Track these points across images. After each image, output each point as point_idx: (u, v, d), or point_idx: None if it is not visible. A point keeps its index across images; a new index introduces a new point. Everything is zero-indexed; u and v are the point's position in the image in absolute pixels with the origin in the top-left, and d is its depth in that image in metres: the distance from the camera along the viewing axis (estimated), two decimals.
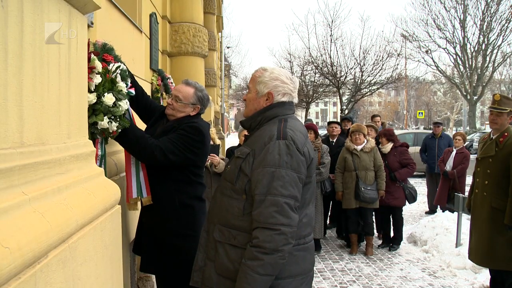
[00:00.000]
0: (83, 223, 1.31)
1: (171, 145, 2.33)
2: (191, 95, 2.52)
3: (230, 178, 1.87)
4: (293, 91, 1.96)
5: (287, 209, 1.68)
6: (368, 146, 5.24)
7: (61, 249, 1.14)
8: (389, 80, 18.45)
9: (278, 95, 1.92)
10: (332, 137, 6.20)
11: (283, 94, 1.93)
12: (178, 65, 4.92)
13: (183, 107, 2.50)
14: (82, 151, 1.47)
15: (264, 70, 1.98)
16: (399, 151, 5.55)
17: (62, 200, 1.24)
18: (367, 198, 5.07)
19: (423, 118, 35.51)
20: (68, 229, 1.20)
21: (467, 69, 28.56)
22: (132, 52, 3.00)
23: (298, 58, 21.14)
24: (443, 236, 5.36)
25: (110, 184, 1.70)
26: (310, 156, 1.84)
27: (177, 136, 2.36)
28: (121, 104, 2.00)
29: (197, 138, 2.38)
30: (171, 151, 2.32)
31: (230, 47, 29.68)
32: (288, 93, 1.94)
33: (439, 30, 28.28)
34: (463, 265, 4.63)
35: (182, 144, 2.34)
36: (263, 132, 1.85)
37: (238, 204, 1.81)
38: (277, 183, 1.69)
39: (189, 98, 2.51)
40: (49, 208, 1.15)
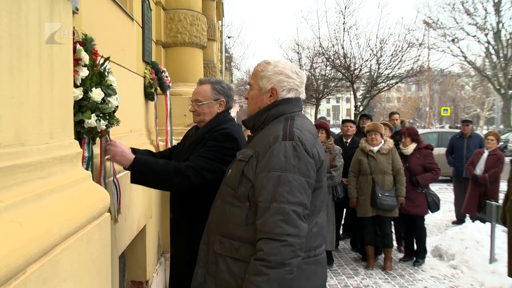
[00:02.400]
0: (67, 233, 1.30)
1: (203, 162, 2.32)
2: (210, 92, 2.55)
3: (231, 183, 1.87)
4: (300, 86, 1.97)
5: (294, 218, 1.68)
6: (386, 147, 5.22)
7: (42, 263, 1.14)
8: (410, 73, 18.42)
9: (283, 91, 1.93)
10: (346, 137, 6.18)
11: (288, 89, 1.94)
12: (173, 57, 4.93)
13: (208, 108, 2.53)
14: (66, 152, 1.47)
15: (267, 64, 1.98)
16: (423, 153, 5.52)
17: (44, 208, 1.24)
18: (384, 205, 5.06)
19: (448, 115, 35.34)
20: (49, 240, 1.19)
21: (500, 60, 27.99)
22: (122, 42, 3.00)
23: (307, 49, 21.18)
24: (474, 250, 5.29)
25: (98, 189, 1.69)
26: (320, 158, 1.84)
27: (208, 150, 2.36)
28: (110, 100, 2.00)
29: (230, 146, 2.36)
30: (206, 168, 2.31)
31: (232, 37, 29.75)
32: (294, 88, 1.95)
33: (468, 15, 27.94)
34: (500, 285, 4.53)
35: (216, 157, 2.33)
36: (267, 132, 1.86)
37: (240, 213, 1.81)
38: (283, 189, 1.69)
39: (209, 95, 2.54)
40: (28, 216, 1.15)
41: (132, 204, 2.87)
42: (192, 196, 2.41)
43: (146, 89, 3.79)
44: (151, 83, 3.82)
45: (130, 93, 3.23)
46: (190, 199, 2.44)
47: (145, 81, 3.80)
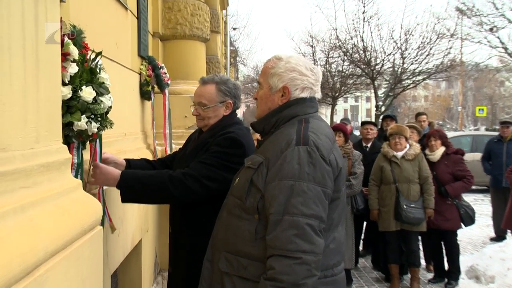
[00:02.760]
0: (55, 250, 1.31)
1: (204, 168, 2.32)
2: (215, 93, 2.56)
3: (239, 193, 1.87)
4: (315, 85, 1.98)
5: (309, 232, 1.68)
6: (411, 152, 5.19)
7: (25, 283, 1.14)
8: (439, 68, 18.33)
9: (296, 90, 1.94)
10: (366, 141, 6.17)
11: (302, 88, 1.95)
12: (173, 51, 4.96)
13: (213, 111, 2.55)
14: (54, 158, 1.47)
15: (278, 60, 2.00)
16: (453, 159, 5.48)
17: (28, 221, 1.24)
18: (410, 218, 5.02)
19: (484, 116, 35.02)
20: (34, 258, 1.19)
21: None
22: (115, 35, 3.02)
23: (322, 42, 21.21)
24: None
25: (89, 200, 1.70)
26: (338, 166, 1.85)
27: (210, 156, 2.37)
28: (102, 100, 2.02)
29: (235, 152, 2.36)
30: (207, 176, 2.31)
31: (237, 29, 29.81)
32: (308, 87, 1.96)
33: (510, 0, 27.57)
34: None
35: (219, 164, 2.33)
36: (279, 137, 1.87)
37: (248, 227, 1.81)
38: (297, 200, 1.70)
39: (214, 97, 2.55)
40: (10, 231, 1.15)
41: (126, 217, 2.88)
42: (192, 206, 2.41)
43: (142, 87, 3.81)
44: (147, 81, 3.84)
45: (125, 92, 3.25)
46: (189, 210, 2.44)
47: (141, 78, 3.82)
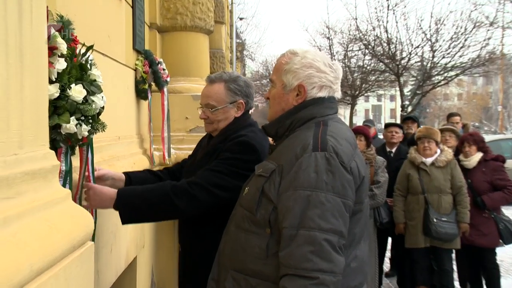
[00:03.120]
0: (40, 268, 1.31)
1: (213, 176, 2.34)
2: (223, 93, 2.58)
3: (248, 205, 1.90)
4: (334, 83, 2.01)
5: (328, 249, 1.69)
6: (443, 158, 5.18)
7: None
8: (476, 62, 18.27)
9: (313, 89, 1.97)
10: (391, 145, 6.16)
11: (320, 87, 1.98)
12: (172, 44, 4.99)
13: (223, 113, 2.57)
14: (40, 165, 1.48)
15: (293, 54, 2.02)
16: (492, 166, 5.43)
17: (11, 236, 1.25)
18: (441, 233, 5.00)
19: None
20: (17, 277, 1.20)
21: None
22: (107, 26, 3.05)
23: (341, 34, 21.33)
24: None
25: (79, 212, 1.71)
26: (361, 174, 1.86)
27: (220, 163, 2.39)
28: (94, 100, 2.03)
29: (248, 158, 2.38)
30: (217, 184, 2.32)
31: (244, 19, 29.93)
32: (327, 85, 1.99)
33: None
34: None
35: (230, 172, 2.35)
36: (294, 141, 1.89)
37: (259, 242, 1.83)
38: (313, 212, 1.71)
39: (224, 97, 2.57)
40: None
41: (119, 231, 2.89)
42: (204, 222, 2.42)
43: (138, 85, 3.83)
44: (144, 78, 3.86)
45: (118, 91, 3.27)
46: (201, 226, 2.45)
47: (137, 75, 3.85)
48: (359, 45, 20.21)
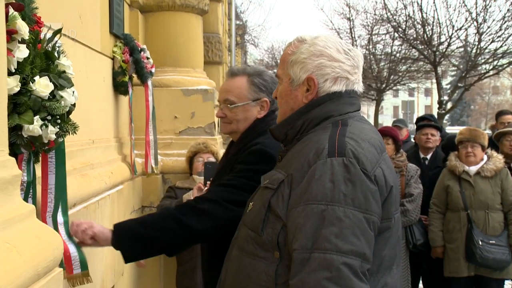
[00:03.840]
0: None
1: (227, 192, 2.42)
2: (245, 88, 2.64)
3: (253, 223, 1.91)
4: (352, 73, 2.00)
5: (347, 275, 1.68)
6: (491, 166, 5.15)
7: None
8: None
9: (325, 82, 1.97)
10: (425, 151, 6.15)
11: (334, 79, 1.97)
12: (158, 27, 5.01)
13: (243, 112, 2.63)
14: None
15: (300, 42, 2.04)
16: None
17: None
18: (489, 260, 4.97)
19: None
20: None
21: None
22: (78, 5, 3.06)
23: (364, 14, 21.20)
24: None
25: (45, 231, 1.72)
26: (388, 184, 1.86)
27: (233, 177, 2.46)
28: (63, 96, 2.03)
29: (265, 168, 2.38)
30: (231, 200, 2.40)
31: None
32: (342, 76, 1.98)
33: None
34: None
35: (245, 185, 2.41)
36: (306, 145, 1.90)
37: (266, 268, 1.84)
38: (329, 230, 1.71)
39: (246, 93, 2.63)
40: None
41: (93, 256, 2.90)
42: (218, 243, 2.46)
43: (116, 77, 3.86)
44: (123, 68, 3.88)
45: (92, 84, 3.29)
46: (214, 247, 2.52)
47: (115, 64, 3.87)
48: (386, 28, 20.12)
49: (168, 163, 4.75)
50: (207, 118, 4.98)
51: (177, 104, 4.85)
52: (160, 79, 4.81)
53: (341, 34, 22.25)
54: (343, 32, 22.33)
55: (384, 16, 19.42)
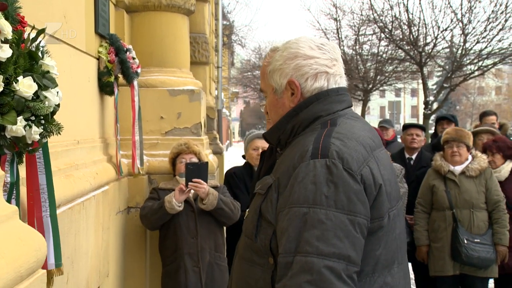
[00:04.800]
0: None
1: None
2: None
3: (249, 231, 1.94)
4: (330, 66, 1.99)
5: (329, 278, 1.67)
6: (475, 166, 5.19)
7: None
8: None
9: (306, 81, 1.97)
10: (410, 151, 6.19)
11: (313, 76, 1.96)
12: (144, 27, 5.00)
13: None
14: None
15: (273, 51, 2.05)
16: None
17: None
18: (474, 258, 5.00)
19: None
20: None
21: None
22: (62, 4, 3.05)
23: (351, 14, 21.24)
24: None
25: (28, 233, 1.71)
26: (376, 182, 1.83)
27: None
28: (47, 96, 2.02)
29: None
30: None
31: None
32: (321, 71, 1.97)
33: None
34: None
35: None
36: (294, 149, 1.91)
37: (263, 274, 1.86)
38: (311, 233, 1.71)
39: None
40: None
41: (78, 256, 2.90)
42: None
43: (101, 77, 3.85)
44: (109, 68, 3.87)
45: (77, 84, 3.28)
46: None
47: (100, 65, 3.86)
48: (373, 28, 20.15)
49: (154, 164, 4.74)
50: (194, 119, 4.98)
51: (163, 105, 4.85)
52: (146, 80, 4.80)
53: (327, 34, 22.29)
54: (329, 33, 22.39)
55: (371, 16, 19.46)
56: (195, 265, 4.24)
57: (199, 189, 4.18)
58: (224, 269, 4.47)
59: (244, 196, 4.69)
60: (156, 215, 4.19)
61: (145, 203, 4.36)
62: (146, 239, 4.63)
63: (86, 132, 3.50)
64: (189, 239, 4.26)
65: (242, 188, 4.78)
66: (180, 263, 4.22)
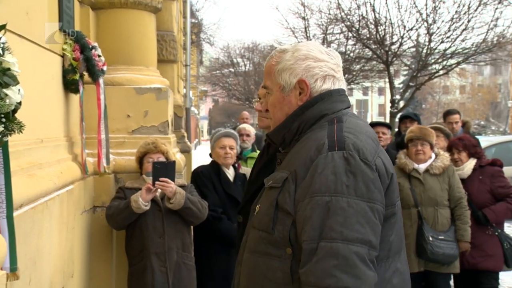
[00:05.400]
0: None
1: None
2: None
3: (263, 224, 1.98)
4: (336, 70, 2.13)
5: (354, 262, 1.77)
6: (439, 164, 5.26)
7: None
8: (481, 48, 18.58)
9: (316, 81, 2.08)
10: None
11: (323, 77, 2.09)
12: (110, 25, 4.95)
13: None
14: None
15: (281, 53, 2.15)
16: (489, 172, 5.54)
17: None
18: (438, 255, 5.07)
19: None
20: None
21: None
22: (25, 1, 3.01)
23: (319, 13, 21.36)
24: None
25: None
26: (388, 171, 1.97)
27: None
28: (8, 94, 2.01)
29: None
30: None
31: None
32: (329, 74, 2.10)
33: None
34: None
35: None
36: (306, 143, 2.00)
37: (281, 265, 1.91)
38: (334, 220, 1.80)
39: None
40: None
41: (40, 256, 2.86)
42: None
43: (66, 75, 3.80)
44: (74, 66, 3.83)
45: (41, 82, 3.24)
46: None
47: (65, 62, 3.82)
48: (340, 27, 20.29)
49: (121, 163, 4.70)
50: (161, 117, 4.96)
51: (129, 103, 4.81)
52: (112, 78, 4.75)
53: (296, 33, 22.43)
54: (298, 31, 22.51)
55: (338, 16, 19.60)
56: (162, 265, 4.22)
57: (166, 188, 4.17)
58: (192, 269, 4.46)
59: (212, 194, 4.70)
60: (122, 214, 4.16)
61: (111, 203, 4.32)
62: (112, 239, 4.59)
63: (50, 131, 3.45)
64: (156, 238, 4.24)
65: (209, 186, 4.78)
66: (147, 262, 4.19)
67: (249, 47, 37.81)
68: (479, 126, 38.97)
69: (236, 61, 38.26)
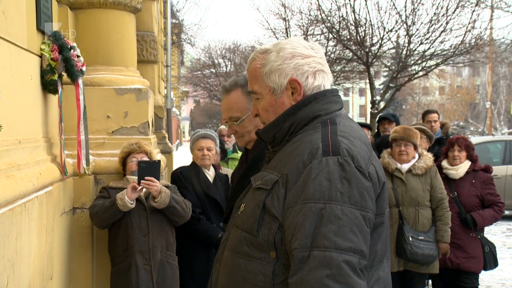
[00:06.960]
0: None
1: None
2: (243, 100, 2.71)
3: (247, 224, 1.94)
4: (324, 64, 2.10)
5: (347, 272, 1.73)
6: (421, 164, 5.29)
7: None
8: (459, 50, 18.75)
9: (307, 79, 2.03)
10: None
11: (313, 73, 2.04)
12: (89, 25, 4.91)
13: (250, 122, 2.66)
14: None
15: (265, 53, 2.08)
16: (482, 178, 5.60)
17: None
18: (418, 255, 5.10)
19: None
20: None
21: None
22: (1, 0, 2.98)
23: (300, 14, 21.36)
24: None
25: None
26: (380, 179, 1.93)
27: None
28: None
29: None
30: None
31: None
32: (319, 69, 2.06)
33: None
34: None
35: None
36: (299, 146, 1.94)
37: (263, 268, 1.88)
38: (328, 228, 1.76)
39: (245, 104, 2.69)
40: None
41: (19, 258, 2.84)
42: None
43: (44, 75, 3.77)
44: (52, 66, 3.80)
45: (18, 82, 3.21)
46: None
47: (43, 62, 3.78)
48: (321, 28, 20.27)
49: (101, 164, 4.67)
50: (141, 118, 4.93)
51: (109, 104, 4.78)
52: (91, 78, 4.72)
53: (277, 34, 22.39)
54: (279, 32, 22.49)
55: (319, 17, 19.60)
56: (147, 263, 4.22)
57: (151, 187, 4.17)
58: (175, 268, 4.47)
59: (191, 196, 4.70)
60: (107, 212, 4.14)
61: (95, 201, 4.30)
62: (93, 240, 4.56)
63: (29, 132, 3.42)
64: (140, 237, 4.24)
65: (188, 187, 4.79)
66: (131, 261, 4.19)
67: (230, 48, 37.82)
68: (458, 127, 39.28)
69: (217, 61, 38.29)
